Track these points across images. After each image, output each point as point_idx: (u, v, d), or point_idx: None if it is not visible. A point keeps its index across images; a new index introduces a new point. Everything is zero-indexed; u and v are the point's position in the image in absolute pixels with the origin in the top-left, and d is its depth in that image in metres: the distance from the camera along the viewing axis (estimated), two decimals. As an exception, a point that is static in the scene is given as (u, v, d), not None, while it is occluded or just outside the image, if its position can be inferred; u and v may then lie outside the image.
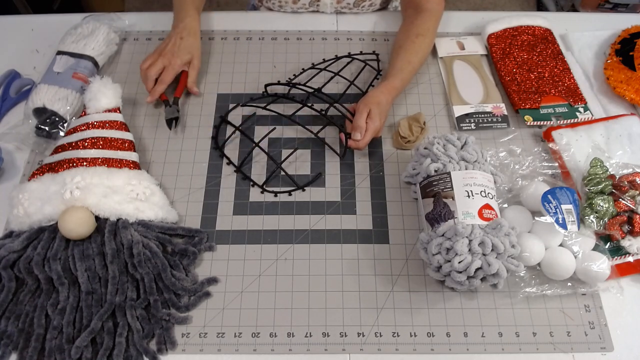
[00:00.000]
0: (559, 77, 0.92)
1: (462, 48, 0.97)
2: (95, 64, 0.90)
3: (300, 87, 0.87)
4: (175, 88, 0.90)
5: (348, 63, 0.95)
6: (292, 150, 0.83)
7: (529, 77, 0.91)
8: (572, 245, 0.72)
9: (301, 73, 0.93)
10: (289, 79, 0.93)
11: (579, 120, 0.87)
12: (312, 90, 0.86)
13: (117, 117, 0.82)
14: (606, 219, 0.74)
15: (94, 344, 0.66)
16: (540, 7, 2.15)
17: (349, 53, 0.96)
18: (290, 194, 0.80)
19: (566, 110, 0.88)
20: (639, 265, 0.73)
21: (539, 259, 0.71)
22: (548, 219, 0.70)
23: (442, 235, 0.67)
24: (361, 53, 0.96)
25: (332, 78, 0.90)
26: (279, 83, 0.90)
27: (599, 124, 0.85)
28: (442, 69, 0.95)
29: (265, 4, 1.05)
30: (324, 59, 0.95)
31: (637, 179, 0.76)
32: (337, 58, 0.95)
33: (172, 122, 0.86)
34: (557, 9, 2.03)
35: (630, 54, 0.92)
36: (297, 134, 0.86)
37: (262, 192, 0.80)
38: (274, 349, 0.68)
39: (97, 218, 0.73)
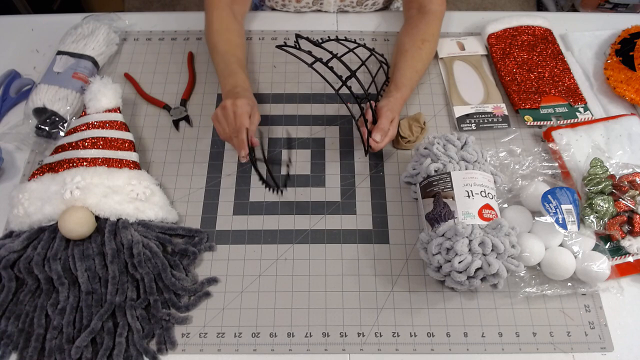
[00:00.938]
0: (559, 77, 0.91)
1: (462, 48, 0.97)
2: (95, 64, 0.90)
3: (324, 47, 0.79)
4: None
5: (368, 57, 0.88)
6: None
7: (529, 77, 0.91)
8: (572, 245, 0.72)
9: (325, 41, 0.83)
10: (318, 39, 0.82)
11: (579, 120, 0.86)
12: (334, 54, 0.78)
13: (117, 117, 0.82)
14: (606, 219, 0.74)
15: (94, 344, 0.66)
16: (540, 7, 2.15)
17: (373, 48, 0.90)
18: (284, 190, 0.80)
19: (566, 110, 0.88)
20: (639, 265, 0.73)
21: (539, 259, 0.71)
22: (548, 219, 0.70)
23: (442, 235, 0.67)
24: (374, 49, 0.90)
25: (360, 66, 0.82)
26: (306, 38, 0.80)
27: (599, 124, 0.85)
28: (442, 69, 0.95)
29: (267, 3, 1.05)
30: (345, 37, 0.88)
31: (637, 179, 0.76)
32: (357, 45, 0.87)
33: (180, 122, 0.87)
34: (557, 9, 2.03)
35: (630, 54, 0.92)
36: (297, 134, 0.86)
37: (280, 194, 0.80)
38: (274, 349, 0.68)
39: (97, 218, 0.73)
